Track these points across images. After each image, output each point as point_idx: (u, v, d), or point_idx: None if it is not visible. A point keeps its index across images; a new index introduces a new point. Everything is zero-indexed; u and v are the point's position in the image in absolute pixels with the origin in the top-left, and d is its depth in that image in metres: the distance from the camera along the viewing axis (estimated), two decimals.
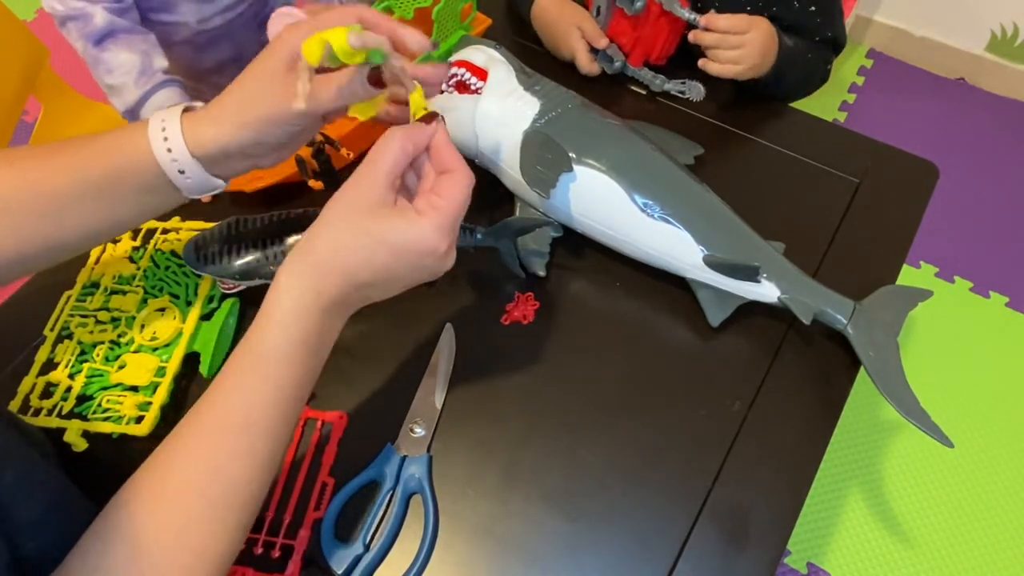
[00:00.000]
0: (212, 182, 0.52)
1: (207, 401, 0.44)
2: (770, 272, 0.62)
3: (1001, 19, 1.79)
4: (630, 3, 0.77)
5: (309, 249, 0.47)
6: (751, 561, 0.54)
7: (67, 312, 0.66)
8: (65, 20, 0.80)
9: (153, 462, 0.43)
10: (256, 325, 0.45)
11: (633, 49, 0.82)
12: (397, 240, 0.46)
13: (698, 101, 0.81)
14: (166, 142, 0.49)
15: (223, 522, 0.43)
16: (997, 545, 1.23)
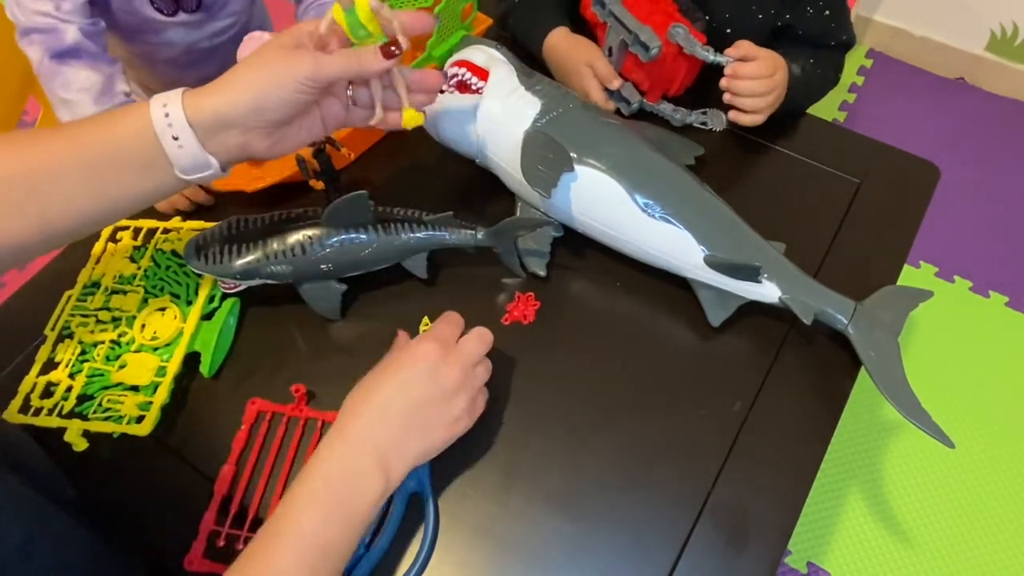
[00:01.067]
0: (205, 157, 0.51)
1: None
2: (771, 272, 0.62)
3: (1001, 19, 1.79)
4: (645, 50, 0.72)
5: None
6: (751, 561, 0.54)
7: (68, 311, 0.66)
8: (29, 31, 0.78)
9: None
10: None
11: (651, 88, 0.79)
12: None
13: (720, 131, 0.78)
14: (164, 108, 0.49)
15: None
16: (997, 545, 1.23)
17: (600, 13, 0.76)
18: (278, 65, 0.49)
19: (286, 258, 0.62)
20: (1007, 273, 1.56)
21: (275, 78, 0.49)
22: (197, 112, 0.49)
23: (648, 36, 0.72)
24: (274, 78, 0.49)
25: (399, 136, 0.81)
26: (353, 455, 0.49)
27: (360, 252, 0.64)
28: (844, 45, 0.84)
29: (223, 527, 0.56)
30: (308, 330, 0.67)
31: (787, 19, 0.81)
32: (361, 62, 0.51)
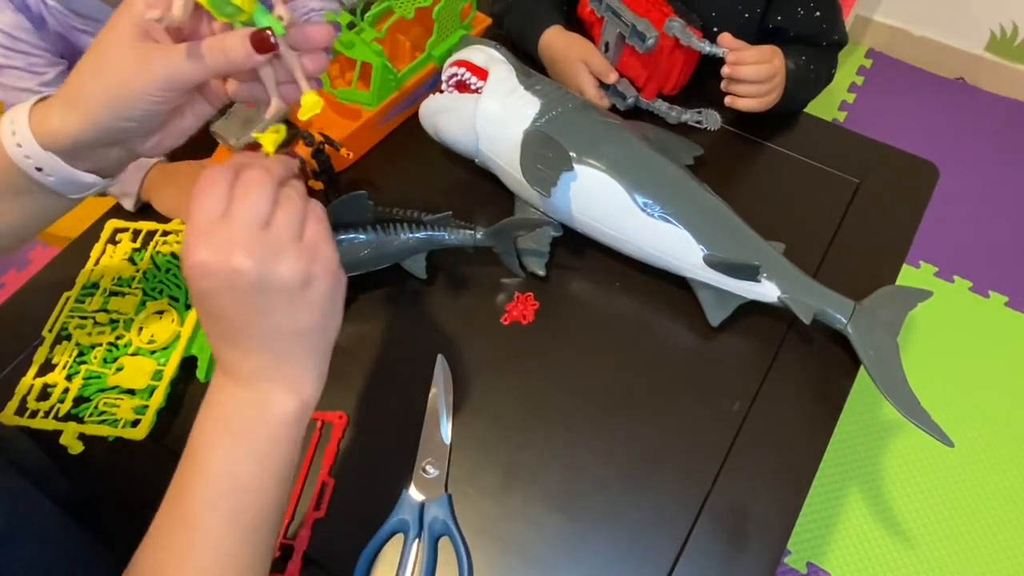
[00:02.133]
0: (81, 179, 0.45)
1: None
2: (770, 272, 0.62)
3: (1001, 19, 1.79)
4: (641, 41, 0.73)
5: None
6: (751, 561, 0.54)
7: (66, 313, 0.66)
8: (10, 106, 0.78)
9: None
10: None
11: (646, 83, 0.79)
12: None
13: (715, 130, 0.79)
14: (14, 136, 0.42)
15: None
16: (997, 545, 1.23)
17: (597, 8, 0.77)
18: (124, 73, 0.40)
19: None
20: (1007, 273, 1.55)
21: (124, 91, 0.41)
22: (49, 138, 0.43)
23: (645, 26, 0.72)
24: (123, 91, 0.41)
25: (399, 136, 0.81)
26: (236, 388, 0.41)
27: (359, 252, 0.64)
28: (836, 44, 0.84)
29: None
30: None
31: (778, 20, 0.82)
32: (227, 55, 0.40)
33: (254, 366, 0.40)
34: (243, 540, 0.40)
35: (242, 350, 0.40)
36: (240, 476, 0.40)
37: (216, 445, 0.41)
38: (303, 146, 0.71)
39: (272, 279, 0.38)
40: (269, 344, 0.40)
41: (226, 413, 0.41)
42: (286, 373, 0.41)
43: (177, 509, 0.40)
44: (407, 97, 0.80)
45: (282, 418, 0.41)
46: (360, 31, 0.75)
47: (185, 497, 0.40)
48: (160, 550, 0.40)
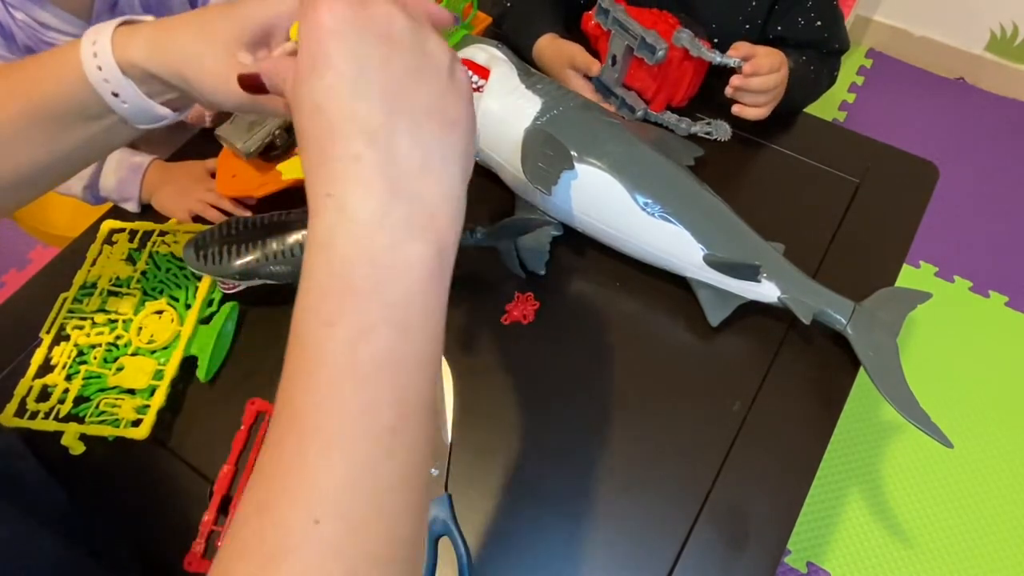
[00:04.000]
0: (155, 110, 0.44)
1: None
2: (770, 272, 0.62)
3: (1001, 19, 1.79)
4: (651, 53, 0.72)
5: None
6: (751, 561, 0.54)
7: (63, 314, 0.66)
8: None
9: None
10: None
11: (655, 96, 0.78)
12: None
13: (725, 140, 0.78)
14: (95, 59, 0.41)
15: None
16: (997, 545, 1.23)
17: (604, 22, 0.76)
18: (210, 75, 0.40)
19: (285, 258, 0.62)
20: (1007, 273, 1.55)
21: (204, 84, 0.41)
22: (129, 67, 0.41)
23: (654, 38, 0.72)
24: (203, 83, 0.41)
25: None
26: (356, 227, 0.30)
27: None
28: (838, 52, 0.84)
29: (223, 527, 0.55)
30: None
31: (779, 30, 0.82)
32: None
33: (392, 179, 0.30)
34: (382, 446, 0.28)
35: (380, 148, 0.30)
36: (376, 353, 0.29)
37: (338, 315, 0.29)
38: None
39: (426, 45, 0.32)
40: (416, 137, 0.31)
41: (346, 268, 0.30)
42: (426, 201, 0.31)
43: (288, 420, 0.29)
44: None
45: (422, 270, 0.31)
46: None
47: (298, 397, 0.29)
48: (268, 481, 0.28)
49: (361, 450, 0.28)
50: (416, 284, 0.31)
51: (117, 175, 0.75)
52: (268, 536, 0.27)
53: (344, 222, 0.30)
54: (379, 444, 0.28)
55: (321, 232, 0.30)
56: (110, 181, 0.75)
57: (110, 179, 0.76)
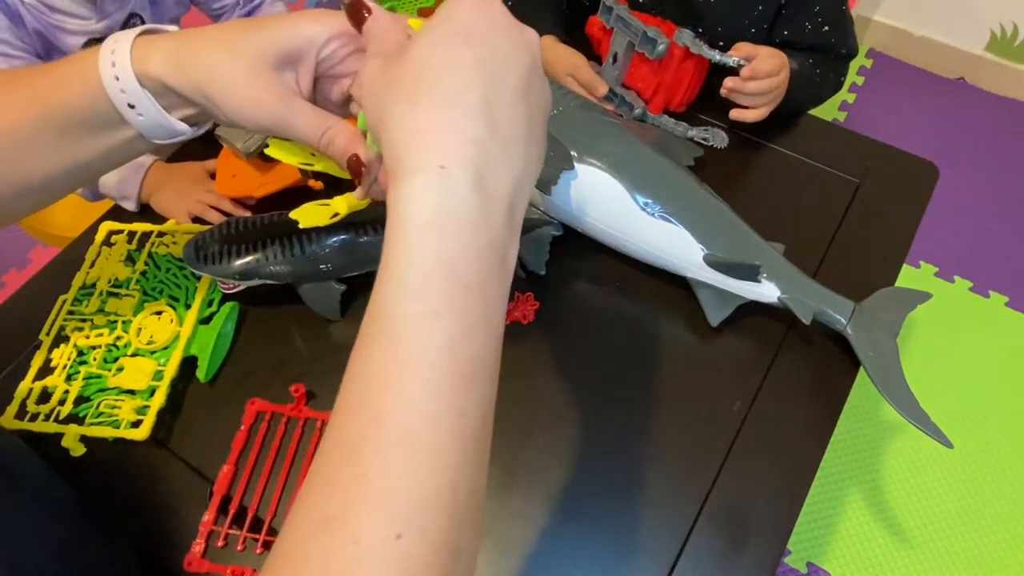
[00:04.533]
0: (173, 125, 0.43)
1: None
2: (770, 272, 0.62)
3: (1001, 19, 1.79)
4: (651, 46, 0.73)
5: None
6: (751, 561, 0.54)
7: (63, 316, 0.66)
8: None
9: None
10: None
11: (654, 96, 0.78)
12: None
13: (722, 148, 0.77)
14: (114, 68, 0.40)
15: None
16: (997, 545, 1.23)
17: (607, 20, 0.76)
18: (236, 97, 0.39)
19: (285, 258, 0.62)
20: (1007, 273, 1.55)
21: (227, 105, 0.40)
22: (147, 79, 0.40)
23: (656, 33, 0.72)
24: (226, 104, 0.40)
25: None
26: (445, 192, 0.29)
27: (359, 252, 0.64)
28: (846, 56, 0.84)
29: (223, 527, 0.55)
30: (308, 330, 0.67)
31: (785, 35, 0.81)
32: (333, 148, 0.40)
33: (480, 156, 0.30)
34: (467, 455, 0.27)
35: (499, 134, 0.30)
36: (473, 353, 0.28)
37: (446, 308, 0.28)
38: None
39: (529, 35, 0.34)
40: (507, 140, 0.31)
41: (456, 259, 0.28)
42: (494, 184, 0.30)
43: (367, 422, 0.27)
44: None
45: (513, 267, 0.30)
46: None
47: (387, 398, 0.27)
48: (336, 492, 0.26)
49: (449, 459, 0.26)
50: (509, 282, 0.30)
51: (119, 173, 0.75)
52: (339, 555, 0.24)
53: (460, 206, 0.28)
54: (464, 453, 0.27)
55: (427, 210, 0.28)
56: (111, 178, 0.75)
57: (111, 176, 0.75)
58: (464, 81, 0.30)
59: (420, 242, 0.28)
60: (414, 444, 0.26)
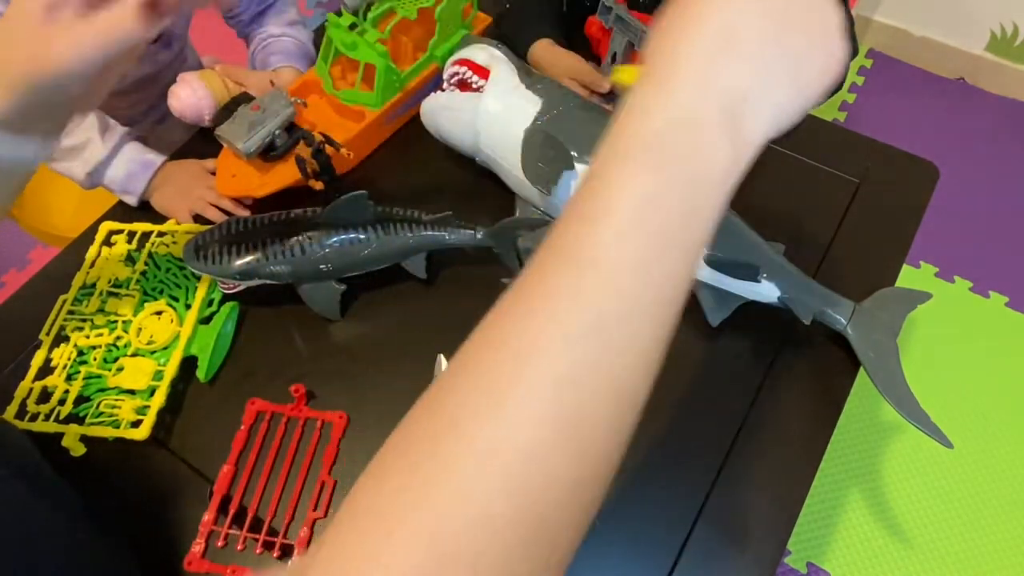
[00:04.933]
0: (25, 149, 0.42)
1: None
2: (770, 272, 0.62)
3: (1001, 19, 1.79)
4: (644, 41, 0.74)
5: None
6: (751, 561, 0.54)
7: (63, 316, 0.66)
8: None
9: None
10: None
11: None
12: None
13: None
14: None
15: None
16: (997, 545, 1.23)
17: (606, 20, 0.77)
18: (36, 60, 0.38)
19: (285, 258, 0.62)
20: (1007, 273, 1.55)
21: (39, 75, 0.39)
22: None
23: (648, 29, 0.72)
24: (39, 75, 0.39)
25: (402, 136, 0.81)
26: (685, 107, 0.30)
27: (359, 252, 0.64)
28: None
29: (223, 527, 0.55)
30: (308, 330, 0.67)
31: None
32: (125, 31, 0.38)
33: (730, 82, 0.30)
34: (653, 304, 0.27)
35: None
36: (669, 210, 0.28)
37: (633, 175, 0.29)
38: (303, 146, 0.71)
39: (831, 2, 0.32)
40: (767, 72, 0.31)
41: (660, 140, 0.29)
42: (745, 115, 0.31)
43: (552, 254, 0.27)
44: (410, 98, 0.80)
45: (718, 168, 0.31)
46: (363, 32, 0.75)
47: (570, 241, 0.27)
48: (525, 313, 0.26)
49: (644, 295, 0.27)
50: (714, 170, 0.31)
51: (127, 168, 0.75)
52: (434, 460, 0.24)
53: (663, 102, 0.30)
54: (648, 301, 0.28)
55: (633, 106, 0.30)
56: (119, 172, 0.75)
57: (119, 170, 0.75)
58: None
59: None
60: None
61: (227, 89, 0.76)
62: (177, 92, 0.76)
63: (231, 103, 0.74)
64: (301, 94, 0.77)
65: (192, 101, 0.75)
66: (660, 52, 0.31)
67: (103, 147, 0.75)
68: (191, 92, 0.75)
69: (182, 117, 0.77)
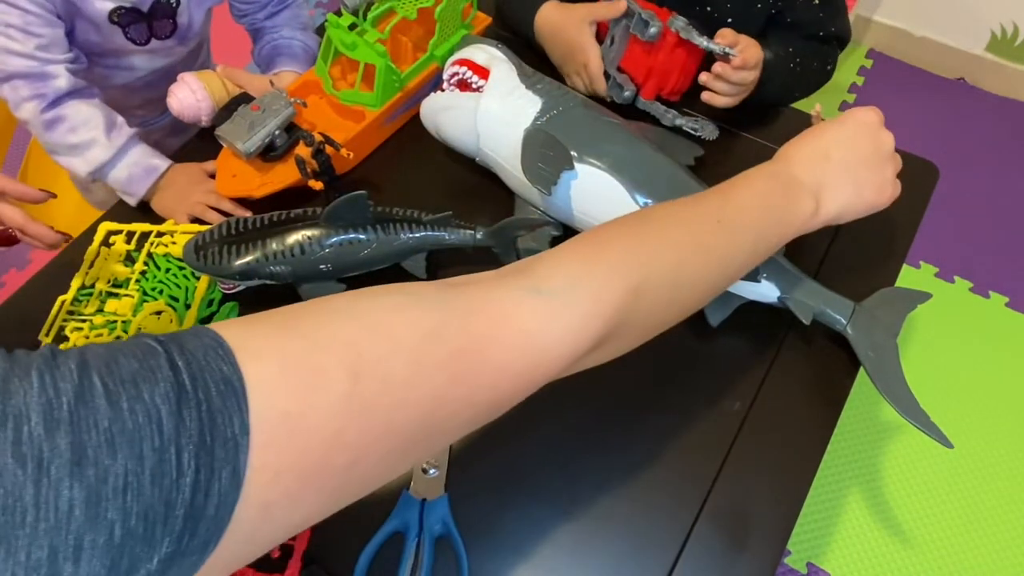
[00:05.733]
0: None
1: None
2: (770, 272, 0.62)
3: (1001, 19, 1.79)
4: (644, 28, 0.73)
5: None
6: (751, 561, 0.54)
7: (62, 316, 0.66)
8: (10, 77, 0.72)
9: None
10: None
11: (646, 80, 0.78)
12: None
13: (712, 139, 0.77)
14: None
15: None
16: (997, 545, 1.23)
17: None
18: None
19: (285, 258, 0.62)
20: (1007, 273, 1.56)
21: None
22: None
23: (649, 15, 0.73)
24: None
25: (401, 136, 0.81)
26: (789, 177, 0.51)
27: (359, 252, 0.64)
28: (835, 39, 0.83)
29: None
30: None
31: (779, 5, 0.81)
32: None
33: (819, 176, 0.52)
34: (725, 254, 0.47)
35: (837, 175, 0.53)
36: (761, 219, 0.49)
37: (758, 179, 0.51)
38: (303, 146, 0.71)
39: (889, 161, 0.58)
40: (842, 179, 0.54)
41: (778, 176, 0.51)
42: (825, 195, 0.52)
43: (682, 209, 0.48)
44: (410, 98, 0.80)
45: (802, 214, 0.51)
46: (362, 32, 0.75)
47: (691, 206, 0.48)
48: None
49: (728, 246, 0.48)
50: (798, 213, 0.52)
51: (130, 171, 0.75)
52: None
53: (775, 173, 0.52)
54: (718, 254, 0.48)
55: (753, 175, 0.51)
56: (122, 173, 0.75)
57: (123, 172, 0.75)
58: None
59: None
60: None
61: (226, 91, 0.76)
62: (176, 92, 0.76)
63: (231, 103, 0.74)
64: (301, 94, 0.77)
65: (191, 102, 0.75)
66: (787, 149, 0.54)
67: (108, 148, 0.74)
68: (190, 93, 0.75)
69: (180, 117, 0.77)
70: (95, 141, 0.74)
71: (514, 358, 0.36)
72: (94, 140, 0.74)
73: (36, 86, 0.73)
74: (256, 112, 0.71)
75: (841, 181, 0.52)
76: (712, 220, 0.46)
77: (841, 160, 0.53)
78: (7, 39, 0.71)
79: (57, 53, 0.74)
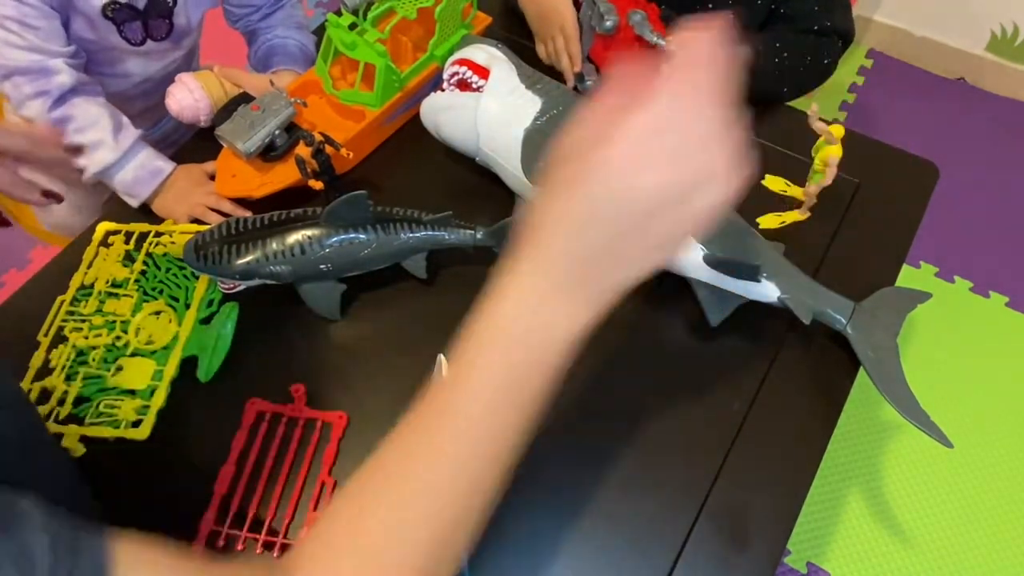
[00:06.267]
0: None
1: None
2: (770, 272, 0.62)
3: (1001, 19, 1.79)
4: (600, 20, 0.75)
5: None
6: (751, 561, 0.54)
7: (61, 317, 0.66)
8: (12, 73, 0.72)
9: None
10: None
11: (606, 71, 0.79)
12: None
13: None
14: None
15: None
16: (997, 545, 1.23)
17: None
18: None
19: (285, 258, 0.62)
20: (1007, 273, 1.55)
21: None
22: None
23: (607, 9, 0.74)
24: None
25: (401, 136, 0.81)
26: (529, 284, 0.38)
27: (359, 252, 0.64)
28: (834, 32, 0.83)
29: (223, 527, 0.55)
30: (308, 330, 0.67)
31: (783, 12, 0.81)
32: None
33: (580, 261, 0.38)
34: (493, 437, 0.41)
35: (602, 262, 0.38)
36: (501, 421, 0.40)
37: (489, 364, 0.40)
38: (303, 146, 0.71)
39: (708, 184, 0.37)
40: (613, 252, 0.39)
41: (513, 396, 0.40)
42: (592, 289, 0.40)
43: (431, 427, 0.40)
44: (410, 97, 0.80)
45: (563, 346, 0.40)
46: (362, 32, 0.75)
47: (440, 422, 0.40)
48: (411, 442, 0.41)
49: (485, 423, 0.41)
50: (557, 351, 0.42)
51: (136, 173, 0.74)
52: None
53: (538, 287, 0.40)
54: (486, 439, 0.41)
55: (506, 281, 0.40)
56: (128, 175, 0.74)
57: (129, 174, 0.74)
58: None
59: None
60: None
61: (224, 91, 0.76)
62: (174, 93, 0.76)
63: (231, 103, 0.74)
64: (301, 94, 0.77)
65: (189, 102, 0.75)
66: (522, 232, 0.38)
67: (115, 150, 0.73)
68: (188, 93, 0.75)
69: (179, 118, 0.77)
70: (102, 143, 0.73)
71: None
72: (101, 142, 0.73)
73: (39, 83, 0.72)
74: (256, 112, 0.71)
75: (629, 247, 0.38)
76: (453, 467, 0.39)
77: (616, 218, 0.36)
78: (5, 31, 0.70)
79: (56, 46, 0.73)
